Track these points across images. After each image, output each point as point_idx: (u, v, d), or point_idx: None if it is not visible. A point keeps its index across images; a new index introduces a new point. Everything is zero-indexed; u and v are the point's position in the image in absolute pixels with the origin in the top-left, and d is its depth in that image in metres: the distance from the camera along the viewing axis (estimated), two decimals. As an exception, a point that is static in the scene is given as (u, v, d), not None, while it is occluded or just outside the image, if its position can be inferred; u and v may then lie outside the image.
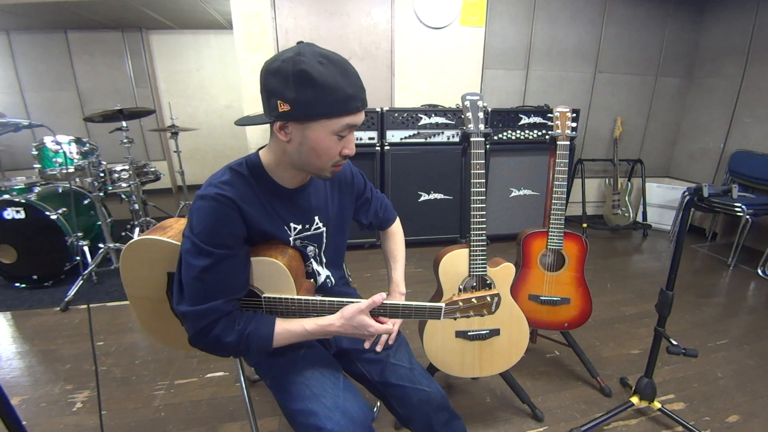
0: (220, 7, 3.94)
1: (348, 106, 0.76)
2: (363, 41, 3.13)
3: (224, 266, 0.79)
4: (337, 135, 0.78)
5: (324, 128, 0.77)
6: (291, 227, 0.93)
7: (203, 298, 0.78)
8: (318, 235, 1.00)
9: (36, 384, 1.65)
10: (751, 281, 2.69)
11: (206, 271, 0.78)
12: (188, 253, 0.78)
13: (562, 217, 1.45)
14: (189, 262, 0.78)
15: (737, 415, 1.49)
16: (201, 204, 0.79)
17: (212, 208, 0.78)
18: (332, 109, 0.75)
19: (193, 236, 0.78)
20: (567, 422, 1.45)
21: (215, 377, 1.69)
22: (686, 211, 1.25)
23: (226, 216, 0.80)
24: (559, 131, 1.43)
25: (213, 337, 0.79)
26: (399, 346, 1.04)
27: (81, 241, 2.44)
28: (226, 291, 0.80)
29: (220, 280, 0.79)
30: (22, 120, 1.55)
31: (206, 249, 0.77)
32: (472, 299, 0.91)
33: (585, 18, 3.41)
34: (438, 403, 0.96)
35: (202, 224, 0.78)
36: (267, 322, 0.84)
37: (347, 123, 0.77)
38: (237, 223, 0.81)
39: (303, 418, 0.82)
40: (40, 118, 4.47)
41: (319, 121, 0.76)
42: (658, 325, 1.35)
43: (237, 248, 0.82)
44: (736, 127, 3.30)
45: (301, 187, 0.93)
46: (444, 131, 2.98)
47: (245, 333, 0.81)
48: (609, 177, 3.71)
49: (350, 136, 0.82)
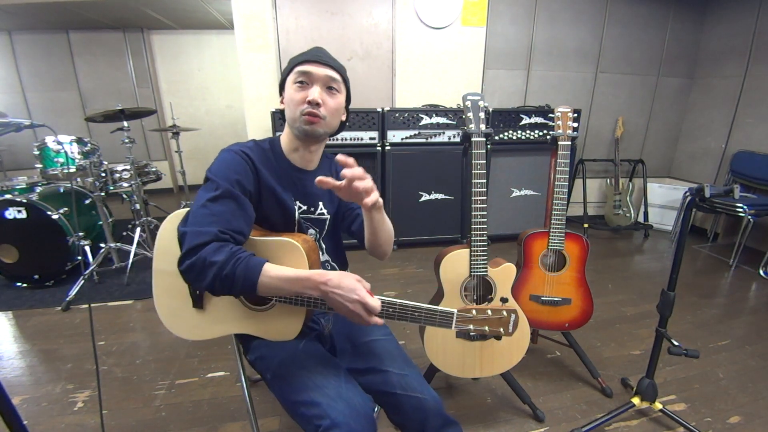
0: (222, 7, 3.94)
1: (298, 60, 0.94)
2: (364, 41, 3.13)
3: (229, 202, 0.85)
4: (296, 83, 0.93)
5: (289, 83, 0.95)
6: (297, 205, 1.00)
7: (204, 224, 0.82)
8: (321, 220, 1.05)
9: (37, 383, 1.65)
10: (752, 282, 2.68)
11: (213, 200, 0.84)
12: (202, 189, 0.87)
13: (563, 217, 1.45)
14: (200, 195, 0.86)
15: (739, 416, 1.48)
16: (223, 154, 0.92)
17: (231, 157, 0.91)
18: (290, 66, 0.95)
19: (209, 173, 0.88)
20: (568, 423, 1.45)
21: (216, 377, 1.69)
22: (688, 211, 1.24)
23: (242, 165, 0.90)
24: (560, 131, 1.43)
25: (202, 255, 0.78)
26: (390, 351, 1.01)
27: (82, 241, 2.45)
28: (227, 222, 0.83)
29: (222, 211, 0.84)
30: (24, 120, 1.55)
31: (217, 181, 0.86)
32: (487, 311, 0.88)
33: (586, 18, 3.41)
34: (432, 409, 0.93)
35: (219, 165, 0.89)
36: (258, 258, 0.82)
37: (298, 71, 0.92)
38: (250, 176, 0.91)
39: (306, 409, 0.82)
40: (42, 118, 4.48)
41: (287, 79, 0.96)
42: (659, 326, 1.34)
43: (245, 194, 0.89)
44: (738, 127, 3.30)
45: (310, 171, 1.02)
46: (445, 131, 2.98)
47: (235, 256, 0.79)
48: (610, 177, 3.70)
49: (313, 88, 0.92)
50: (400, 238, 3.13)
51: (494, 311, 0.89)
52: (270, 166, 0.96)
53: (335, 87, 0.95)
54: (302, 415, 0.83)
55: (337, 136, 2.86)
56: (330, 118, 0.96)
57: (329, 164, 1.11)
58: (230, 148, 0.93)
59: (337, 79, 0.95)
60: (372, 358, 0.99)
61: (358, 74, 3.21)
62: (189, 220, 0.84)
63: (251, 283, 0.78)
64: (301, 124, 0.93)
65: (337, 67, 0.96)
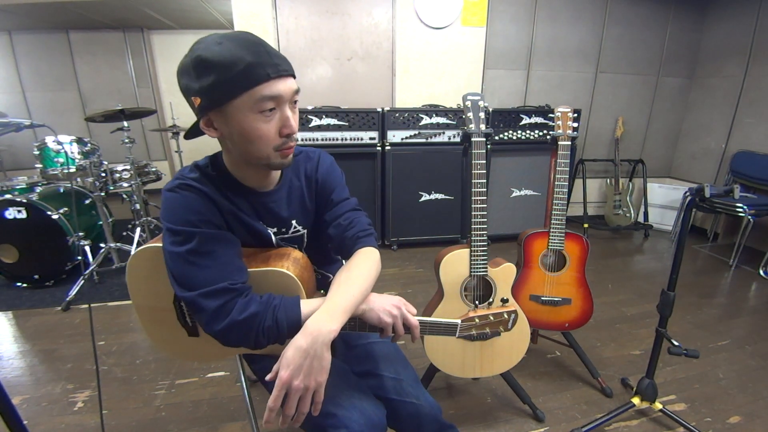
0: (222, 7, 3.94)
1: (251, 76, 0.66)
2: (364, 41, 3.13)
3: (212, 244, 0.73)
4: (259, 112, 0.70)
5: (240, 110, 0.69)
6: (269, 230, 0.89)
7: (206, 282, 0.71)
8: (298, 237, 0.95)
9: (37, 383, 1.65)
10: (752, 282, 2.68)
11: (194, 252, 0.72)
12: (171, 244, 0.73)
13: (563, 217, 1.45)
14: (173, 251, 0.72)
15: (739, 416, 1.48)
16: (169, 196, 0.75)
17: (181, 196, 0.75)
18: (235, 85, 0.67)
19: (169, 224, 0.73)
20: (568, 423, 1.45)
21: (216, 377, 1.69)
22: (688, 211, 1.24)
23: (197, 198, 0.75)
24: (560, 131, 1.43)
25: (235, 318, 0.70)
26: (387, 355, 0.98)
27: (82, 241, 2.45)
28: (226, 269, 0.73)
29: (213, 259, 0.73)
30: (24, 120, 1.55)
31: (186, 230, 0.72)
32: (489, 316, 0.88)
33: (586, 18, 3.40)
34: (427, 415, 0.90)
35: (175, 210, 0.74)
36: (289, 297, 0.76)
37: (262, 95, 0.68)
38: (210, 207, 0.77)
39: (320, 420, 0.78)
40: (42, 118, 4.48)
41: (232, 103, 0.68)
42: (659, 326, 1.34)
43: (219, 227, 0.77)
44: (738, 127, 3.30)
45: (272, 191, 0.87)
46: (445, 131, 2.98)
47: (271, 303, 0.73)
48: (610, 177, 3.70)
49: (285, 112, 0.72)
50: (400, 238, 3.13)
51: (495, 315, 0.89)
52: (225, 197, 0.80)
53: (297, 99, 0.76)
54: (315, 424, 0.80)
55: (337, 136, 2.86)
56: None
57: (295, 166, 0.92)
58: (173, 185, 0.75)
59: (298, 89, 0.76)
60: (367, 361, 0.96)
61: (358, 74, 3.21)
62: (185, 282, 0.72)
63: (296, 324, 0.72)
64: (273, 161, 0.76)
65: (293, 71, 0.75)
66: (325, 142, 2.84)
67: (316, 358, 0.68)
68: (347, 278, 0.81)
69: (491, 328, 0.89)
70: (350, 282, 0.80)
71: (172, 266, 0.74)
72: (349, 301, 0.75)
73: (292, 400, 0.68)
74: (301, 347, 0.68)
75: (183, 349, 0.95)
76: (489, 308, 0.90)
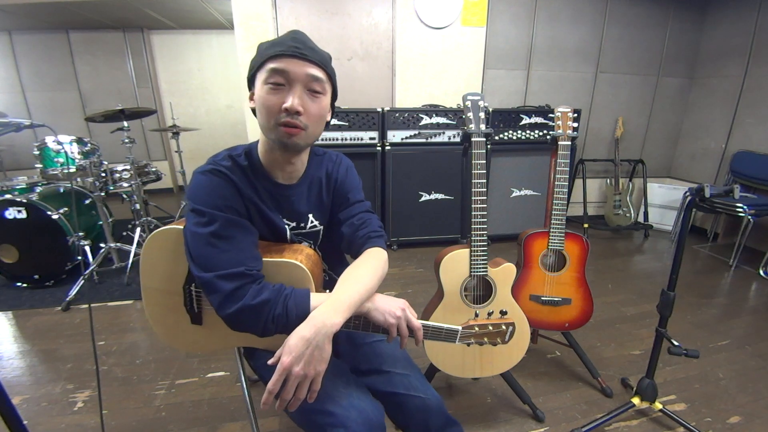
0: (222, 7, 3.94)
1: (270, 52, 0.77)
2: (364, 41, 3.13)
3: (234, 231, 0.78)
4: (268, 84, 0.76)
5: (259, 80, 0.79)
6: (287, 223, 0.93)
7: (224, 265, 0.74)
8: (314, 233, 0.99)
9: (37, 383, 1.65)
10: (752, 282, 2.68)
11: (216, 235, 0.76)
12: (194, 224, 0.77)
13: (563, 217, 1.45)
14: (196, 232, 0.76)
15: (739, 416, 1.48)
16: (200, 178, 0.81)
17: (211, 181, 0.81)
18: (260, 59, 0.78)
19: (195, 204, 0.78)
20: (568, 423, 1.45)
21: (216, 377, 1.69)
22: (688, 211, 1.24)
23: (227, 188, 0.81)
24: (560, 131, 1.43)
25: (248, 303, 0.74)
26: (393, 354, 1.01)
27: (82, 241, 2.44)
28: (244, 256, 0.77)
29: (233, 244, 0.77)
30: (24, 120, 1.55)
31: (211, 212, 0.77)
32: (488, 326, 0.90)
33: (586, 18, 3.41)
34: (434, 409, 0.93)
35: (202, 191, 0.79)
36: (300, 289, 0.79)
37: (272, 67, 0.76)
38: (237, 197, 0.82)
39: (319, 418, 0.80)
40: (42, 118, 4.48)
41: (257, 75, 0.79)
42: (659, 326, 1.34)
43: (241, 215, 0.82)
44: (738, 127, 3.30)
45: (295, 185, 0.92)
46: (445, 131, 2.98)
47: (282, 292, 0.76)
48: (610, 177, 3.70)
49: (295, 91, 0.77)
50: (400, 238, 3.13)
51: (494, 326, 0.90)
52: (252, 186, 0.86)
53: (318, 89, 0.79)
54: (314, 423, 0.81)
55: (337, 136, 2.86)
56: (313, 127, 0.81)
57: (318, 164, 0.97)
58: (206, 169, 0.82)
59: (320, 78, 0.79)
60: (374, 359, 0.98)
61: (358, 74, 3.21)
62: (203, 263, 0.76)
63: (305, 313, 0.75)
64: (277, 136, 0.79)
65: (320, 62, 0.79)
66: (325, 141, 2.84)
67: (318, 348, 0.71)
68: (354, 275, 0.84)
69: (489, 338, 0.91)
70: (357, 279, 0.83)
71: (192, 246, 0.77)
72: (354, 298, 0.78)
73: (291, 385, 0.70)
74: (305, 336, 0.71)
75: (182, 337, 0.95)
76: (489, 318, 0.92)
